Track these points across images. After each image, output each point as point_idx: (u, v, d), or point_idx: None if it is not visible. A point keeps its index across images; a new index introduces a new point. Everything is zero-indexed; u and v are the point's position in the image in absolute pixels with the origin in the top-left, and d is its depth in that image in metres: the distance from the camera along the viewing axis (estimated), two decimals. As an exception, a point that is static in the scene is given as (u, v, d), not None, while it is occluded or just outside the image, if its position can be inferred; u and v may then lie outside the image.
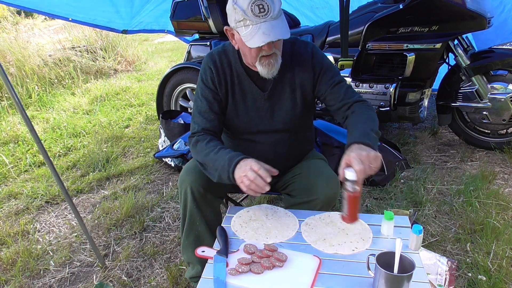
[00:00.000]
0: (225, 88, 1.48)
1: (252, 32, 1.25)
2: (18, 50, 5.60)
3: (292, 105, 1.50)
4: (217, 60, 1.48)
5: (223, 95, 1.49)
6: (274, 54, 1.34)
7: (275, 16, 1.25)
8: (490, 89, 2.71)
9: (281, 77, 1.46)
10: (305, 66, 1.47)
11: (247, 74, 1.47)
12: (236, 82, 1.48)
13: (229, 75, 1.48)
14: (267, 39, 1.24)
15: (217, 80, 1.47)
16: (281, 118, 1.51)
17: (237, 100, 1.50)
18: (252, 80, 1.48)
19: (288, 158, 1.61)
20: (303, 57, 1.47)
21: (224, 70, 1.48)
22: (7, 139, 3.74)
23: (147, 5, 4.06)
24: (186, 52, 3.54)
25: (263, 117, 1.51)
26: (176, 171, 2.98)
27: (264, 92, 1.48)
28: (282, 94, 1.49)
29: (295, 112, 1.51)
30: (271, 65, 1.35)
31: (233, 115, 1.52)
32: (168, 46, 9.02)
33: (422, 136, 3.27)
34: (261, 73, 1.38)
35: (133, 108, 4.66)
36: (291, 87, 1.49)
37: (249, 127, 1.52)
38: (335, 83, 1.47)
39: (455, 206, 2.28)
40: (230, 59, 1.49)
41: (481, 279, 1.70)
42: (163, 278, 1.89)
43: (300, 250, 1.21)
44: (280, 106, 1.50)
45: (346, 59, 2.86)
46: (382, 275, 0.99)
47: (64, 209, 2.59)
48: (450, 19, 2.59)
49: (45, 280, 1.95)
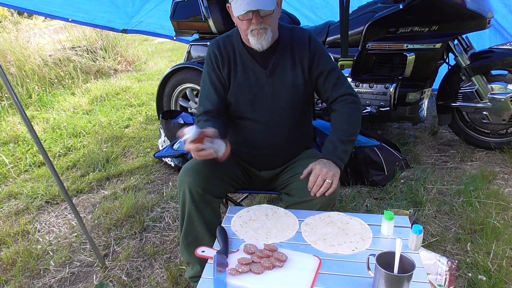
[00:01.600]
0: (228, 68, 1.58)
1: (239, 3, 1.39)
2: (18, 50, 5.60)
3: (293, 80, 1.57)
4: (220, 44, 1.60)
5: (226, 75, 1.58)
6: (264, 28, 1.44)
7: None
8: (490, 89, 2.71)
9: (281, 55, 1.56)
10: (303, 48, 1.58)
11: (249, 53, 1.57)
12: (238, 61, 1.58)
13: (232, 56, 1.58)
14: (247, 8, 1.37)
15: (220, 61, 1.57)
16: (283, 94, 1.58)
17: (240, 78, 1.57)
18: (254, 58, 1.56)
19: (288, 145, 1.65)
20: (301, 41, 1.58)
21: (227, 52, 1.58)
22: (7, 139, 3.74)
23: (147, 4, 4.07)
24: (186, 52, 3.54)
25: (266, 93, 1.57)
26: (176, 171, 2.98)
27: (266, 69, 1.56)
28: (283, 70, 1.57)
29: (297, 90, 1.58)
30: (260, 34, 1.45)
31: (237, 93, 1.58)
32: (168, 46, 9.01)
33: (422, 136, 3.27)
34: (252, 44, 1.48)
35: (133, 108, 4.66)
36: (291, 64, 1.57)
37: (252, 105, 1.58)
38: (328, 70, 1.58)
39: (455, 206, 2.28)
40: (233, 43, 1.60)
41: (481, 279, 1.70)
42: (163, 278, 1.89)
43: (300, 250, 1.21)
44: (282, 83, 1.57)
45: (346, 59, 2.86)
46: (382, 275, 0.99)
47: (64, 209, 2.59)
48: (450, 19, 2.59)
49: (45, 280, 1.95)
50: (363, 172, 2.59)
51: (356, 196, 2.46)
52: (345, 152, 1.48)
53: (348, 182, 2.61)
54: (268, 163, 1.67)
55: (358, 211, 2.30)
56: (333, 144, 1.49)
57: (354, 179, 2.61)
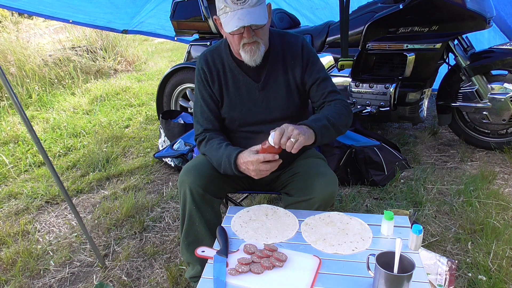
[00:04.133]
0: (219, 84, 1.54)
1: (229, 18, 1.34)
2: (19, 50, 5.61)
3: (287, 92, 1.55)
4: (209, 59, 1.55)
5: (217, 92, 1.55)
6: (256, 42, 1.41)
7: (252, 4, 1.33)
8: (490, 89, 2.71)
9: (273, 67, 1.53)
10: (296, 56, 1.54)
11: (240, 67, 1.53)
12: (229, 76, 1.54)
13: (222, 71, 1.54)
14: (240, 24, 1.32)
15: (210, 78, 1.54)
16: (277, 106, 1.55)
17: (232, 93, 1.54)
18: (245, 72, 1.53)
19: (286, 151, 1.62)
20: (294, 48, 1.54)
21: (216, 67, 1.54)
22: (7, 139, 3.74)
23: (147, 4, 4.07)
24: (186, 52, 3.54)
25: (259, 107, 1.55)
26: (176, 171, 2.98)
27: (258, 83, 1.53)
28: (276, 83, 1.54)
29: (291, 99, 1.56)
30: (253, 51, 1.41)
31: (230, 109, 1.56)
32: (168, 46, 9.02)
33: (422, 136, 3.27)
34: (245, 60, 1.45)
35: (133, 108, 4.66)
36: (284, 75, 1.54)
37: (247, 119, 1.57)
38: (320, 80, 1.55)
39: (455, 206, 2.28)
40: (222, 56, 1.55)
41: (481, 279, 1.70)
42: (163, 278, 1.89)
43: (300, 250, 1.21)
44: (275, 95, 1.54)
45: (346, 59, 2.86)
46: (382, 275, 0.99)
47: (64, 209, 2.59)
48: (450, 19, 2.59)
49: (45, 280, 1.95)
50: (363, 172, 2.59)
51: (356, 196, 2.46)
52: (326, 128, 1.40)
53: (348, 182, 2.61)
54: None
55: (358, 211, 2.30)
56: (317, 117, 1.44)
57: (354, 179, 2.61)
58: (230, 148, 1.44)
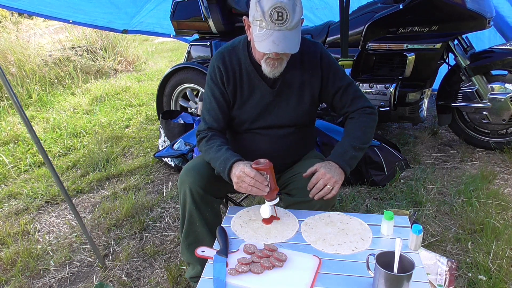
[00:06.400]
0: (234, 85, 1.51)
1: (264, 36, 1.27)
2: (19, 49, 5.60)
3: (299, 102, 1.54)
4: (226, 58, 1.51)
5: (231, 92, 1.52)
6: (281, 59, 1.38)
7: (290, 28, 1.28)
8: (490, 89, 2.71)
9: (290, 75, 1.50)
10: (314, 67, 1.51)
11: (257, 71, 1.50)
12: (245, 79, 1.51)
13: (238, 72, 1.51)
14: (274, 49, 1.27)
15: (225, 77, 1.50)
16: (288, 114, 1.54)
17: (245, 96, 1.53)
18: (261, 77, 1.50)
19: (290, 153, 1.63)
20: (312, 58, 1.51)
21: (233, 67, 1.50)
22: (7, 139, 3.74)
23: (147, 4, 4.07)
24: (186, 52, 3.54)
25: (270, 112, 1.54)
26: (176, 171, 2.98)
27: (273, 89, 1.52)
28: (291, 91, 1.52)
29: (302, 109, 1.55)
30: (275, 66, 1.38)
31: (240, 111, 1.55)
32: (168, 46, 9.02)
33: (422, 136, 3.27)
34: (264, 71, 1.42)
35: (133, 108, 4.66)
36: (299, 85, 1.52)
37: (256, 122, 1.56)
38: (343, 89, 1.53)
39: (455, 206, 2.28)
40: (239, 56, 1.51)
41: (481, 279, 1.70)
42: (163, 278, 1.89)
43: (300, 250, 1.22)
44: (287, 103, 1.53)
45: (346, 59, 2.86)
46: (382, 275, 0.99)
47: (64, 209, 2.59)
48: (450, 19, 2.59)
49: (45, 280, 1.95)
50: (363, 172, 2.59)
51: (356, 196, 2.46)
52: (354, 158, 1.45)
53: (348, 182, 2.61)
54: None
55: (358, 211, 2.30)
56: (343, 148, 1.47)
57: (354, 179, 2.61)
58: (229, 155, 1.41)
